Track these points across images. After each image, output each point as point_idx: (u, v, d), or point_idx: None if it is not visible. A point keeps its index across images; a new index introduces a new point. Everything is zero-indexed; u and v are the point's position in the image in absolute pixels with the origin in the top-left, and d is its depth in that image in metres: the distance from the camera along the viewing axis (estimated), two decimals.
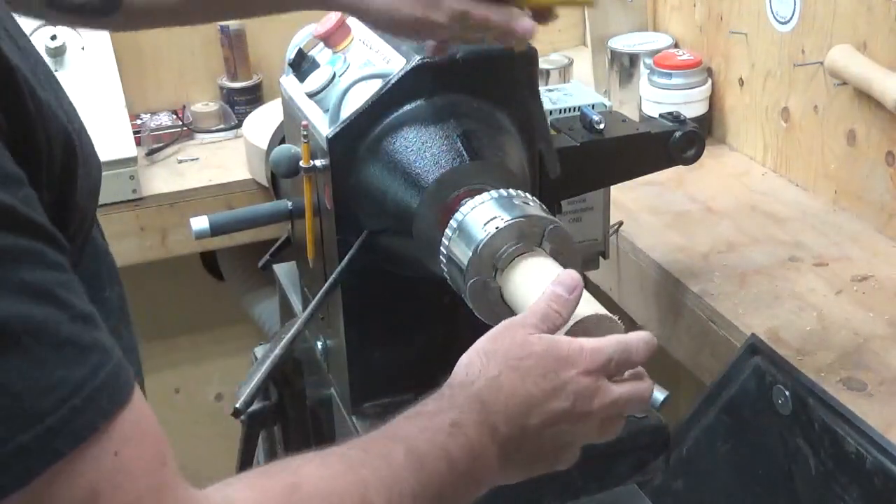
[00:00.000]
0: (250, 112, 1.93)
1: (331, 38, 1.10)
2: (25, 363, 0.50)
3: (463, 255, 0.92)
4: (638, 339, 0.80)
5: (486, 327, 0.84)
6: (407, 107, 1.01)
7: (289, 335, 1.04)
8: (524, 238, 0.90)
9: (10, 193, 0.52)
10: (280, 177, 1.17)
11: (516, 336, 0.78)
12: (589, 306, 0.84)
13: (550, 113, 1.28)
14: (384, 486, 0.67)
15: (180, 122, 1.93)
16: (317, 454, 0.68)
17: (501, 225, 0.89)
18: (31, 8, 0.94)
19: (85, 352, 0.53)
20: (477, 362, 0.78)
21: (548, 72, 1.80)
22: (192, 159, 1.85)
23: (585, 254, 1.27)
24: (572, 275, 0.82)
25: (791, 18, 1.54)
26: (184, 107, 1.99)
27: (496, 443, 0.75)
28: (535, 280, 0.87)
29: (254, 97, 1.98)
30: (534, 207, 0.93)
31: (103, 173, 0.72)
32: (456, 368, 0.79)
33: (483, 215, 0.92)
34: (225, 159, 1.84)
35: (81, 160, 0.62)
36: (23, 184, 0.53)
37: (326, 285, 1.04)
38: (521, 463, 0.78)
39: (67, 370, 0.52)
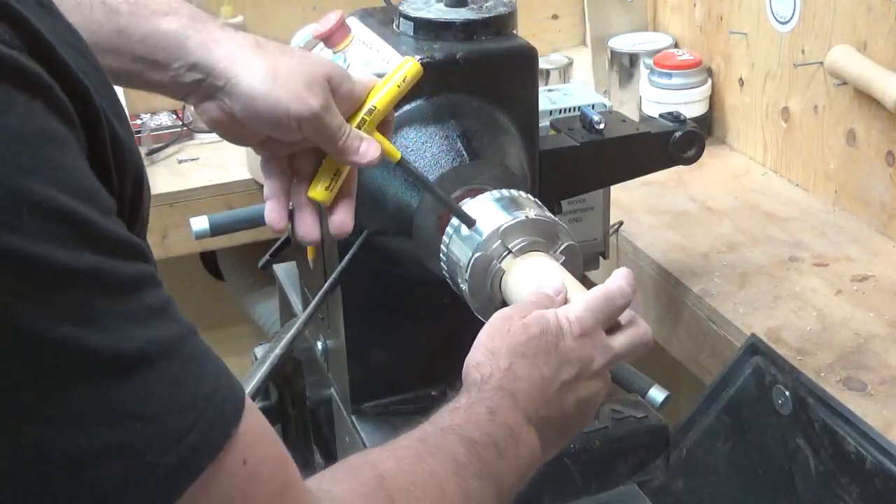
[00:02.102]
0: None
1: (331, 38, 1.10)
2: (164, 385, 0.51)
3: (463, 254, 0.92)
4: (617, 284, 0.85)
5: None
6: (407, 107, 1.00)
7: (289, 335, 1.04)
8: (493, 259, 0.90)
9: (119, 225, 0.52)
10: None
11: (513, 325, 0.83)
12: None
13: (550, 113, 1.28)
14: (454, 474, 0.71)
15: (180, 122, 1.93)
16: (384, 448, 0.72)
17: (467, 276, 0.91)
18: None
19: (206, 364, 0.54)
20: (485, 361, 0.81)
21: (548, 72, 1.80)
22: (192, 159, 1.85)
23: (585, 254, 1.27)
24: (557, 283, 0.87)
25: (791, 18, 1.54)
26: (184, 107, 1.99)
27: (533, 426, 0.79)
28: (538, 279, 0.87)
29: None
30: (537, 209, 0.93)
31: None
32: (466, 371, 0.83)
33: (483, 215, 0.92)
34: (225, 159, 1.84)
35: (146, 193, 0.62)
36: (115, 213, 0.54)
37: (326, 285, 1.04)
38: (556, 438, 0.83)
39: (197, 385, 0.52)
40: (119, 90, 1.93)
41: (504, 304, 0.90)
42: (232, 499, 0.53)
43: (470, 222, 0.92)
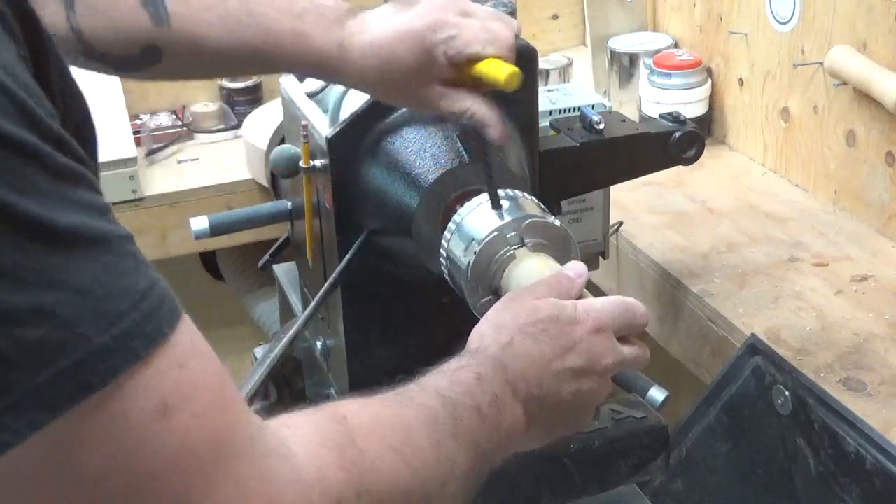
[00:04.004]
0: (250, 112, 1.93)
1: None
2: (99, 269, 0.50)
3: (463, 255, 0.92)
4: (636, 302, 0.86)
5: None
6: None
7: (289, 335, 1.04)
8: (507, 245, 0.90)
9: (58, 127, 0.52)
10: (280, 177, 1.17)
11: (524, 304, 0.82)
12: None
13: (550, 113, 1.28)
14: (426, 426, 0.69)
15: (180, 122, 1.93)
16: (354, 399, 0.70)
17: (477, 249, 0.90)
18: (66, 53, 0.96)
19: (142, 266, 0.53)
20: (488, 332, 0.81)
21: (548, 72, 1.80)
22: (192, 159, 1.85)
23: (585, 254, 1.27)
24: (579, 264, 0.88)
25: (791, 18, 1.54)
26: (184, 107, 1.99)
27: (520, 401, 0.78)
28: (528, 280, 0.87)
29: (254, 97, 1.98)
30: (529, 207, 0.93)
31: (102, 174, 0.72)
32: (469, 339, 0.82)
33: (482, 217, 0.92)
34: (225, 159, 1.84)
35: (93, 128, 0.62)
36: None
37: (326, 285, 1.04)
38: (545, 423, 0.81)
39: (132, 280, 0.52)
40: (117, 90, 1.91)
41: (497, 294, 0.90)
42: (166, 400, 0.52)
43: (497, 205, 0.92)
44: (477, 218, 0.92)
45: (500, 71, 0.89)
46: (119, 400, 0.50)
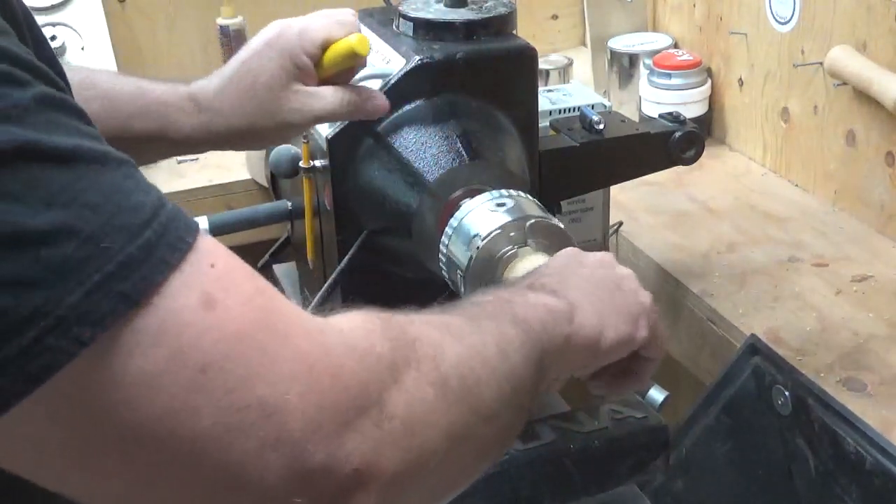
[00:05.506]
0: None
1: None
2: (108, 185, 0.50)
3: (462, 255, 0.92)
4: None
5: None
6: (407, 107, 1.01)
7: None
8: (510, 243, 0.90)
9: (19, 47, 0.53)
10: (280, 177, 1.17)
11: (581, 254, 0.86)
12: None
13: (550, 113, 1.28)
14: (466, 315, 0.73)
15: None
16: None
17: (480, 244, 0.90)
18: None
19: (147, 184, 0.53)
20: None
21: (547, 72, 1.80)
22: (192, 159, 1.85)
23: None
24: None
25: (791, 19, 1.54)
26: None
27: (544, 292, 0.79)
28: None
29: None
30: (530, 208, 0.93)
31: None
32: None
33: (483, 216, 0.92)
34: (225, 159, 1.84)
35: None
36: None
37: (326, 285, 1.04)
38: (588, 298, 0.81)
39: (142, 195, 0.52)
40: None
41: None
42: (212, 293, 0.52)
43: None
44: (478, 217, 0.92)
45: (348, 41, 0.91)
46: (161, 305, 0.50)
